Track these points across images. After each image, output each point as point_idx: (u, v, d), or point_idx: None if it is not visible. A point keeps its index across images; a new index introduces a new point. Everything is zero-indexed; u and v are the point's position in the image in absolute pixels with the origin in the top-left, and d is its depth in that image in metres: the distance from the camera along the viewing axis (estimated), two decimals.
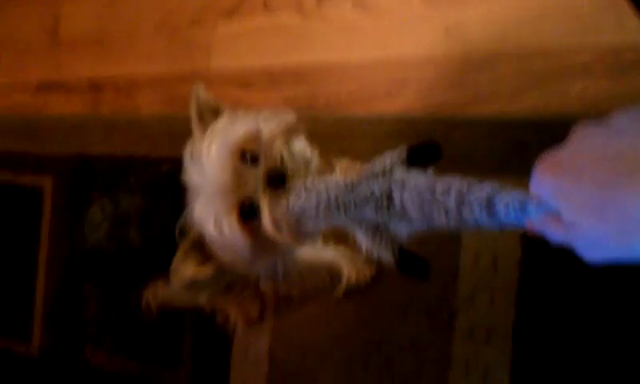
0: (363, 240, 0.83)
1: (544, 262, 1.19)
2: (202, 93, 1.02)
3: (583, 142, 0.56)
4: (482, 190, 0.68)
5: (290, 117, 0.98)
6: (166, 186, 1.13)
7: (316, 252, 1.28)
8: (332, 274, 1.33)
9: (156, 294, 1.37)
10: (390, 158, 0.83)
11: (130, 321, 1.74)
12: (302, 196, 0.86)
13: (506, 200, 0.65)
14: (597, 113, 1.15)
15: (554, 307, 1.18)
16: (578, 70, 1.21)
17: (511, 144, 1.23)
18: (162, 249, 1.03)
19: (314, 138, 0.98)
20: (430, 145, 0.83)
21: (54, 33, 2.09)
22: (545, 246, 0.67)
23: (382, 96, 1.43)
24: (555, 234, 0.60)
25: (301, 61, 1.56)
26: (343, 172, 1.29)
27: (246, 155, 0.92)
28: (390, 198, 0.78)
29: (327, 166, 1.10)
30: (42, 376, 1.94)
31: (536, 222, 0.63)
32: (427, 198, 0.73)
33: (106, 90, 1.93)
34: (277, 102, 1.58)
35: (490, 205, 0.67)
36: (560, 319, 1.17)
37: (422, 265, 0.80)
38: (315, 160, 0.94)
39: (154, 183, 1.25)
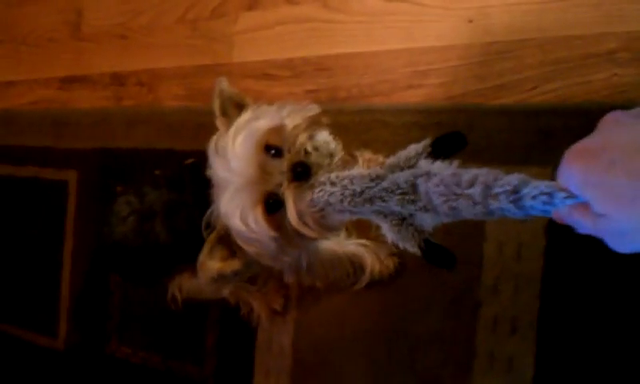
0: (389, 232, 0.83)
1: (569, 250, 1.18)
2: (225, 86, 1.03)
3: (614, 132, 0.55)
4: (508, 181, 0.68)
5: (314, 110, 0.99)
6: (191, 178, 1.13)
7: (339, 244, 1.29)
8: (355, 265, 1.33)
9: (181, 286, 1.39)
10: (415, 149, 0.83)
11: (155, 315, 1.75)
12: (327, 189, 0.86)
13: (533, 191, 0.65)
14: (622, 101, 1.14)
15: (579, 297, 1.17)
16: (602, 58, 1.20)
17: (535, 133, 1.22)
18: (187, 242, 1.04)
19: (336, 129, 0.99)
20: (454, 134, 0.83)
21: (76, 27, 2.11)
22: (569, 234, 0.66)
23: (404, 87, 1.42)
24: (583, 224, 0.59)
25: (323, 53, 1.56)
26: (366, 163, 1.29)
27: (271, 149, 0.93)
28: (415, 189, 0.78)
29: (350, 158, 1.11)
30: (67, 369, 1.96)
31: (564, 212, 0.62)
32: (453, 189, 0.73)
33: (129, 84, 1.95)
34: (299, 95, 1.58)
35: (516, 195, 0.67)
36: (585, 309, 1.17)
37: (447, 255, 0.80)
38: (339, 152, 0.95)
39: (178, 176, 1.25)
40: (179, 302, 1.41)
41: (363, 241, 1.31)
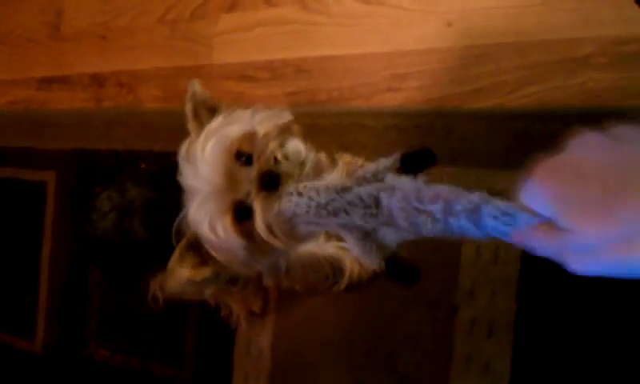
0: (352, 246, 0.82)
1: None
2: (198, 89, 1.01)
3: (587, 150, 0.54)
4: (469, 200, 0.67)
5: (285, 117, 0.98)
6: (172, 177, 1.13)
7: (318, 246, 1.28)
8: (334, 268, 1.33)
9: (162, 286, 1.38)
10: (384, 163, 0.82)
11: (134, 317, 1.74)
12: (294, 200, 0.85)
13: (494, 211, 0.64)
14: (598, 105, 1.15)
15: (556, 300, 1.18)
16: (579, 62, 1.20)
17: (512, 137, 1.23)
18: (165, 241, 1.03)
19: (315, 132, 0.98)
20: (423, 151, 0.82)
21: (56, 28, 2.10)
22: None
23: (383, 90, 1.43)
24: (544, 243, 0.58)
25: (303, 55, 1.56)
26: (345, 167, 1.29)
27: (242, 156, 0.92)
28: (377, 204, 0.77)
29: (330, 161, 1.10)
30: (44, 372, 1.95)
31: (524, 232, 0.61)
32: (414, 205, 0.72)
33: (109, 85, 1.94)
34: (279, 97, 1.58)
35: (476, 215, 0.66)
36: (561, 312, 1.17)
37: (410, 272, 0.80)
38: (310, 161, 0.94)
39: (160, 174, 1.24)
40: (160, 302, 1.40)
41: (342, 244, 1.30)
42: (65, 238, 1.94)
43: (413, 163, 0.80)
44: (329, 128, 1.44)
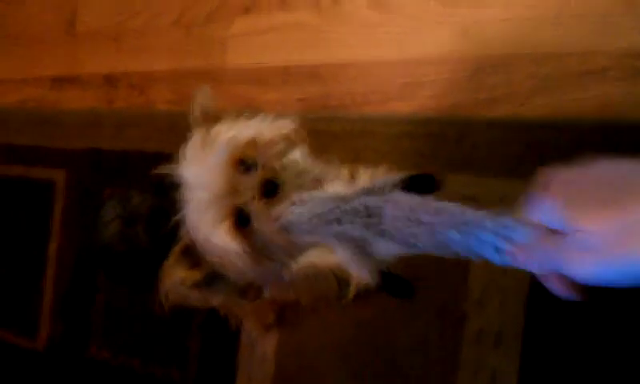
0: (348, 259, 0.81)
1: None
2: (204, 99, 1.02)
3: (596, 165, 0.55)
4: (474, 215, 0.67)
5: (291, 125, 0.98)
6: (174, 183, 1.13)
7: (319, 257, 1.27)
8: (339, 278, 1.31)
9: (169, 292, 1.37)
10: (389, 180, 0.82)
11: (138, 317, 1.74)
12: (295, 209, 0.85)
13: (496, 225, 0.64)
14: (611, 117, 1.15)
15: (565, 311, 1.17)
16: (594, 73, 1.20)
17: (525, 147, 1.22)
18: (170, 247, 1.03)
19: (327, 137, 0.98)
20: (429, 176, 0.81)
21: (70, 27, 2.11)
22: None
23: (396, 97, 1.42)
24: (543, 252, 0.59)
25: (316, 60, 1.56)
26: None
27: (243, 163, 0.92)
28: (381, 213, 0.76)
29: (350, 178, 1.10)
30: (47, 371, 1.94)
31: (521, 246, 0.62)
32: (419, 216, 0.72)
33: (121, 86, 1.94)
34: (291, 102, 1.58)
35: (479, 230, 0.66)
36: (571, 324, 1.16)
37: (405, 286, 0.79)
38: (311, 171, 0.94)
39: (164, 180, 1.24)
40: (167, 308, 1.39)
41: None
42: (72, 237, 1.95)
43: (417, 185, 0.79)
44: (340, 134, 1.44)
